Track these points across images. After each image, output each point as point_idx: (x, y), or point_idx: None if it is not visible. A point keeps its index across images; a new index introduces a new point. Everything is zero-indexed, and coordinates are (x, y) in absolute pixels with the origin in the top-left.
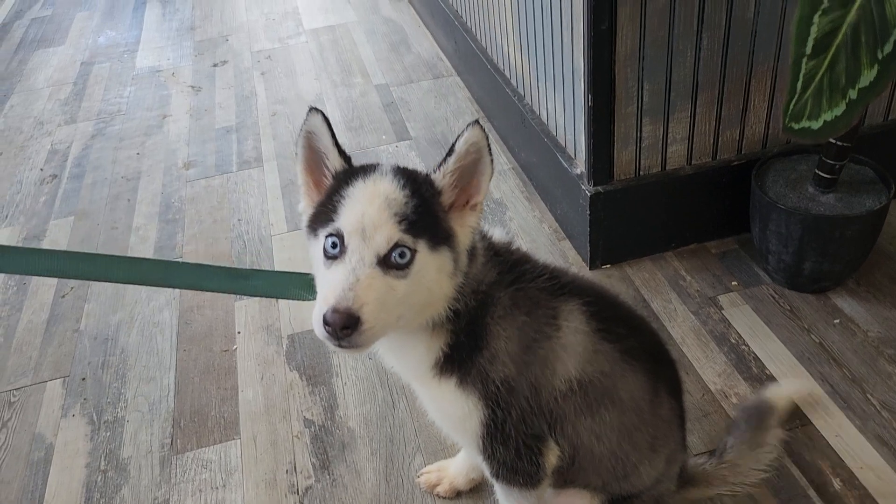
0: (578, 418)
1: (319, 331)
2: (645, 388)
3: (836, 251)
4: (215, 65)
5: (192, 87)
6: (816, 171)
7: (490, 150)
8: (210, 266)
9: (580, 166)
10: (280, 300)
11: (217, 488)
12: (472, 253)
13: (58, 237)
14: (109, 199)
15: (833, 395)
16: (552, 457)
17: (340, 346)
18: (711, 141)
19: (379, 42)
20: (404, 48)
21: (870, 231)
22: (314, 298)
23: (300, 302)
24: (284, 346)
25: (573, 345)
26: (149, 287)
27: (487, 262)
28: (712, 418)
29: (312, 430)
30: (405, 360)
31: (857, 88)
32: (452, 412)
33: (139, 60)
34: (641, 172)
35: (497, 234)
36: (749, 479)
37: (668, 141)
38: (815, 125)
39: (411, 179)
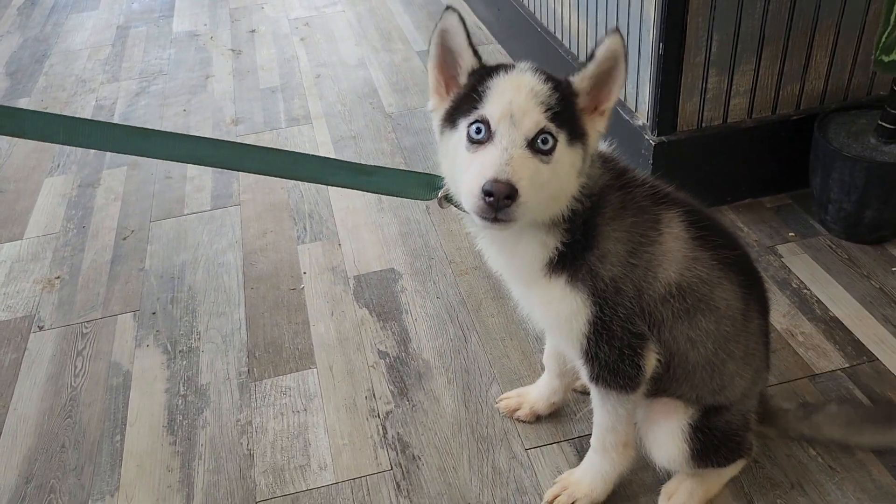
0: (676, 323)
1: (475, 203)
2: (739, 299)
3: None
4: (253, 30)
5: (233, 50)
6: (879, 122)
7: (626, 58)
8: (335, 160)
9: (642, 118)
10: (342, 246)
11: (298, 412)
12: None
13: (112, 185)
14: None
15: None
16: (652, 359)
17: (496, 219)
18: (772, 95)
19: (416, 12)
20: None
21: None
22: (433, 198)
23: (363, 246)
24: (352, 286)
25: (673, 251)
26: (212, 231)
27: (600, 167)
28: (780, 354)
29: (387, 360)
30: (518, 259)
31: None
32: (561, 309)
33: (175, 25)
34: (703, 124)
35: (602, 146)
36: (826, 440)
37: (732, 93)
38: None
39: (552, 78)
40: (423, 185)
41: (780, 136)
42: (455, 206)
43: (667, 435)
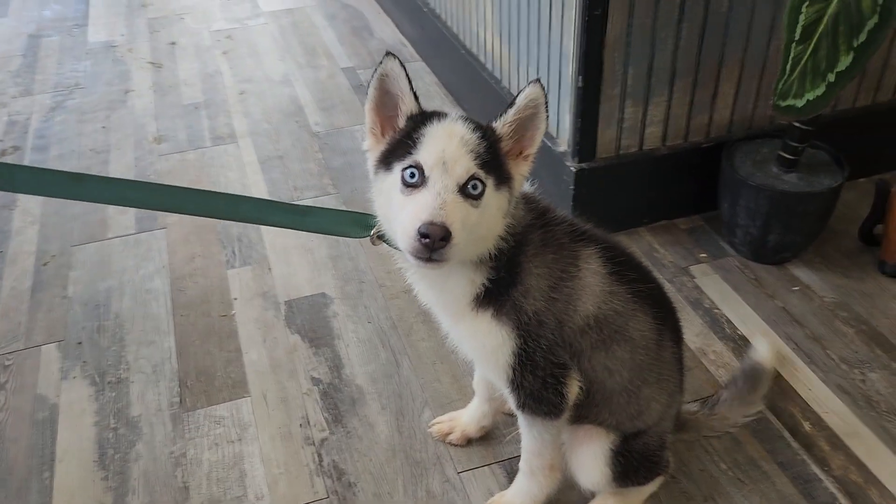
0: (594, 353)
1: (411, 244)
2: (652, 329)
3: (798, 224)
4: (173, 42)
5: (153, 63)
6: (780, 153)
7: (546, 107)
8: (273, 202)
9: (563, 144)
10: (272, 271)
11: (233, 442)
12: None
13: (30, 207)
14: (80, 170)
15: (798, 351)
16: (574, 387)
17: (430, 259)
18: (684, 124)
19: (340, 26)
20: (367, 33)
21: (828, 206)
22: (367, 236)
23: (293, 271)
24: (283, 312)
25: (591, 285)
26: (138, 256)
27: (523, 207)
28: (694, 373)
29: (321, 387)
30: (446, 295)
31: (835, 72)
32: (487, 342)
33: (91, 35)
34: (621, 151)
35: (525, 187)
36: (733, 427)
37: (647, 122)
38: (799, 104)
39: (479, 126)
40: (357, 224)
41: (692, 162)
42: (387, 244)
43: (590, 459)
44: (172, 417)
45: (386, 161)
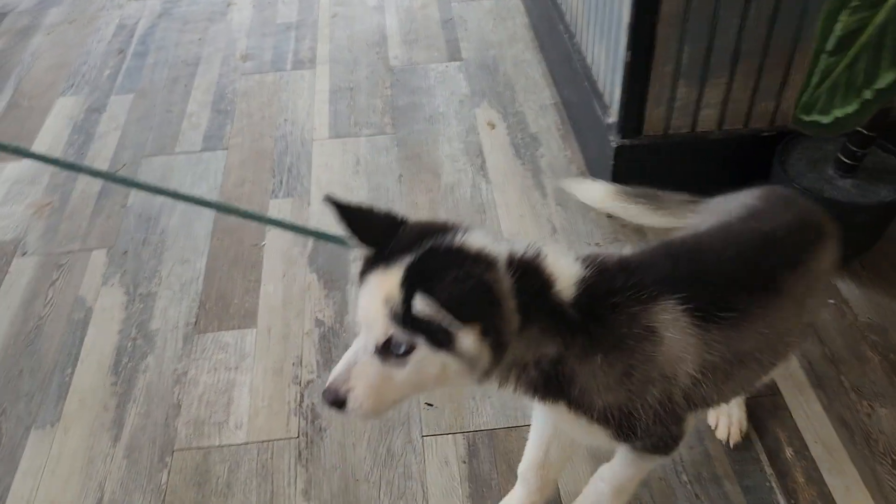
0: (722, 385)
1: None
2: None
3: (843, 236)
4: None
5: None
6: (838, 155)
7: None
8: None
9: (613, 116)
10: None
11: (230, 369)
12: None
13: (117, 112)
14: (168, 81)
15: (809, 371)
16: (691, 421)
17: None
18: (746, 109)
19: None
20: None
21: (880, 221)
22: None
23: (328, 212)
24: (308, 249)
25: (682, 348)
26: (196, 174)
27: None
28: None
29: (322, 330)
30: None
31: (873, 89)
32: (576, 426)
33: None
34: (671, 131)
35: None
36: None
37: (702, 104)
38: (826, 120)
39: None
40: None
41: (749, 150)
42: None
43: None
44: (184, 337)
45: None
